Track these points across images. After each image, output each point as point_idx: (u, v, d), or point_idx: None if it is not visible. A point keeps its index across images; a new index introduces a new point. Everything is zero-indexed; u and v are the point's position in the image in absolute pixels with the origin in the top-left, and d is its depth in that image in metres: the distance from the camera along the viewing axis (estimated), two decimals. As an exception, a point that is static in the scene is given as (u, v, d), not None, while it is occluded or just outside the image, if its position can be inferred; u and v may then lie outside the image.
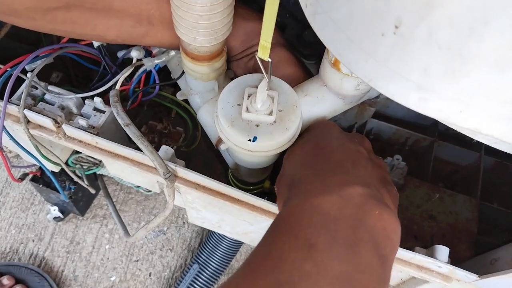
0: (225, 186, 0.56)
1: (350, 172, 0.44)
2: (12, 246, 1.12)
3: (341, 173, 0.43)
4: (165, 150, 0.57)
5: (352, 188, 0.40)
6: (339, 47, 0.38)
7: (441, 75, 0.33)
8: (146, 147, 0.54)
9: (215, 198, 0.57)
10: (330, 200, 0.39)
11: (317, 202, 0.39)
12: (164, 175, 0.55)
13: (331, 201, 0.39)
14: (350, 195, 0.40)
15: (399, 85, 0.35)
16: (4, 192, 1.18)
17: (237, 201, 0.57)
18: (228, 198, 0.57)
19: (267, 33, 0.41)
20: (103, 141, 0.58)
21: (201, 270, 1.04)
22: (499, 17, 0.28)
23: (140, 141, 0.54)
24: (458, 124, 0.35)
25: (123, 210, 1.18)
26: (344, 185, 0.41)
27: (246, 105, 0.49)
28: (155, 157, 0.54)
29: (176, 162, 0.58)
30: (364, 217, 0.39)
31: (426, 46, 0.32)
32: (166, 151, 0.57)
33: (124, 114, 0.55)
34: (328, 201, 0.39)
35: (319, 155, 0.47)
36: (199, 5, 0.46)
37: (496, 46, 0.29)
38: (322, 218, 0.38)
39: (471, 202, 0.69)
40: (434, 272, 0.53)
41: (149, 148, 0.54)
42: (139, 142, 0.54)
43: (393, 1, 0.32)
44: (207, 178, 0.56)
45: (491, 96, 0.32)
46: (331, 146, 0.48)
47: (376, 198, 0.41)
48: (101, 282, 1.10)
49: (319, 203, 0.39)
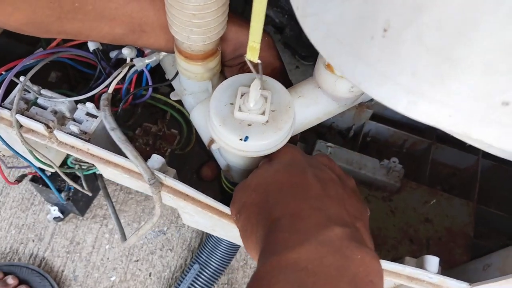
0: (213, 200, 0.55)
1: (327, 209, 0.42)
2: (12, 246, 1.12)
3: (318, 212, 0.41)
4: (156, 159, 0.57)
5: (331, 231, 0.39)
6: (329, 49, 0.38)
7: (430, 79, 0.32)
8: (130, 152, 0.53)
9: (203, 210, 0.56)
10: (308, 250, 0.37)
11: (294, 257, 0.37)
12: (148, 181, 0.55)
13: (309, 252, 0.37)
14: (330, 239, 0.38)
15: (389, 89, 0.35)
16: (4, 192, 1.19)
17: (225, 215, 0.56)
18: (216, 212, 0.57)
19: (256, 34, 0.40)
20: (94, 148, 0.58)
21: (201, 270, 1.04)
22: (487, 21, 0.27)
23: (124, 146, 0.54)
24: (448, 129, 0.35)
25: (123, 210, 1.18)
26: (322, 228, 0.39)
27: (239, 104, 0.49)
28: (140, 163, 0.54)
29: (167, 171, 0.58)
30: (345, 264, 0.37)
31: (415, 49, 0.31)
32: (157, 160, 0.57)
33: (111, 119, 0.55)
34: (306, 252, 0.37)
35: (295, 189, 0.45)
36: (192, 4, 0.46)
37: (485, 50, 0.29)
38: (299, 276, 0.36)
39: (468, 206, 0.69)
40: (425, 282, 0.52)
41: (134, 153, 0.54)
42: (124, 147, 0.54)
43: (381, 4, 0.31)
44: (195, 191, 0.55)
45: (481, 101, 0.32)
46: (306, 180, 0.46)
47: (356, 239, 0.39)
48: (101, 282, 1.10)
49: (296, 259, 0.37)
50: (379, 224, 0.69)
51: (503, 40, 0.28)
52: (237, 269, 1.12)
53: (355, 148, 0.77)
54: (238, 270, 1.12)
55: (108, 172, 0.65)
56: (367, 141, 0.80)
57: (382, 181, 0.71)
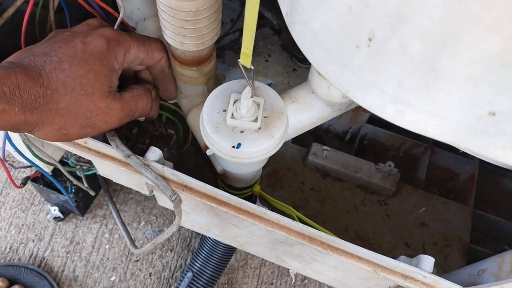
0: (212, 188, 0.55)
1: None
2: (12, 246, 1.13)
3: None
4: (153, 151, 0.57)
5: None
6: (317, 57, 0.38)
7: (415, 89, 0.32)
8: (150, 174, 0.54)
9: (202, 200, 0.56)
10: None
11: None
12: (170, 198, 0.55)
13: None
14: None
15: (375, 97, 0.35)
16: (4, 192, 1.19)
17: (223, 204, 0.57)
18: (215, 201, 0.57)
19: (248, 41, 0.41)
20: (91, 141, 0.58)
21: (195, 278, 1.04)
22: (468, 33, 0.27)
23: (144, 170, 0.54)
24: (437, 138, 0.35)
25: (123, 210, 1.19)
26: None
27: (231, 111, 0.49)
28: (161, 182, 0.55)
29: (165, 164, 0.58)
30: None
31: (399, 59, 0.31)
32: (154, 152, 0.57)
33: (124, 147, 0.55)
34: None
35: None
36: (184, 11, 0.46)
37: (469, 62, 0.29)
38: None
39: (465, 210, 0.68)
40: (419, 282, 0.52)
41: (154, 174, 0.55)
42: (143, 171, 0.54)
43: (366, 13, 0.31)
44: (194, 179, 0.55)
45: (467, 111, 0.32)
46: None
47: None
48: (101, 282, 1.11)
49: None
50: (374, 228, 0.68)
51: (486, 52, 0.27)
52: (237, 269, 1.13)
53: (352, 151, 0.77)
54: (238, 270, 1.12)
55: (105, 167, 0.65)
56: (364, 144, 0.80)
57: (378, 184, 0.71)
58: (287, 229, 0.55)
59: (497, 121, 0.32)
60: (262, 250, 0.70)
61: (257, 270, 1.13)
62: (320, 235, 0.53)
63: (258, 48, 0.92)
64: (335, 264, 0.59)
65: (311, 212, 0.77)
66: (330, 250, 0.54)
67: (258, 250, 0.72)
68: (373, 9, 0.30)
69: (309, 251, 0.60)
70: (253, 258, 1.14)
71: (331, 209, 0.75)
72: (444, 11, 0.27)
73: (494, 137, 0.33)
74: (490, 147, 0.34)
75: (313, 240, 0.54)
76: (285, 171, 0.80)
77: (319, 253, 0.57)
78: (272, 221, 0.55)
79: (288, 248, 0.63)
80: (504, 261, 0.53)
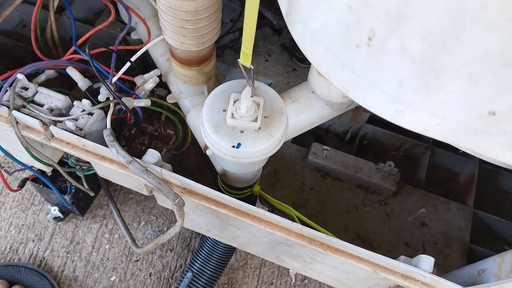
0: (210, 190, 0.55)
1: None
2: (12, 246, 1.13)
3: None
4: (151, 154, 0.57)
5: None
6: (317, 56, 0.38)
7: (415, 88, 0.32)
8: (153, 179, 0.54)
9: (201, 202, 0.56)
10: None
11: None
12: (173, 201, 0.55)
13: None
14: None
15: (375, 97, 0.35)
16: (4, 192, 1.19)
17: (222, 205, 0.56)
18: (213, 202, 0.57)
19: (248, 41, 0.41)
20: (90, 143, 0.58)
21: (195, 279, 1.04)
22: (468, 32, 0.27)
23: (146, 176, 0.54)
24: (437, 137, 0.35)
25: (123, 210, 1.18)
26: None
27: (231, 111, 0.49)
28: (164, 187, 0.54)
29: (163, 166, 0.58)
30: None
31: (399, 58, 0.31)
32: (152, 155, 0.57)
33: (125, 153, 0.55)
34: None
35: None
36: (184, 10, 0.46)
37: (468, 60, 0.29)
38: None
39: (465, 210, 0.68)
40: (419, 282, 0.52)
41: (156, 179, 0.54)
42: (145, 177, 0.54)
43: (366, 13, 0.31)
44: (192, 182, 0.55)
45: (467, 110, 0.32)
46: None
47: None
48: (101, 282, 1.10)
49: None
50: (374, 228, 0.68)
51: (486, 52, 0.27)
52: (237, 269, 1.13)
53: (352, 151, 0.77)
54: (238, 270, 1.12)
55: (104, 168, 0.65)
56: (364, 144, 0.80)
57: (378, 184, 0.71)
58: (287, 230, 0.55)
59: (497, 121, 0.32)
60: (262, 250, 0.70)
61: (257, 270, 1.13)
62: (320, 236, 0.53)
63: (258, 48, 0.92)
64: (335, 264, 0.59)
65: (311, 212, 0.77)
66: (330, 251, 0.54)
67: (258, 250, 0.72)
68: (373, 9, 0.30)
69: (308, 252, 0.60)
70: (253, 258, 1.14)
71: (331, 209, 0.75)
72: (444, 10, 0.27)
73: (494, 137, 0.33)
74: (490, 146, 0.34)
75: (313, 241, 0.54)
76: (285, 171, 0.80)
77: (319, 254, 0.57)
78: (272, 222, 0.55)
79: (287, 249, 0.63)
80: (504, 261, 0.53)
